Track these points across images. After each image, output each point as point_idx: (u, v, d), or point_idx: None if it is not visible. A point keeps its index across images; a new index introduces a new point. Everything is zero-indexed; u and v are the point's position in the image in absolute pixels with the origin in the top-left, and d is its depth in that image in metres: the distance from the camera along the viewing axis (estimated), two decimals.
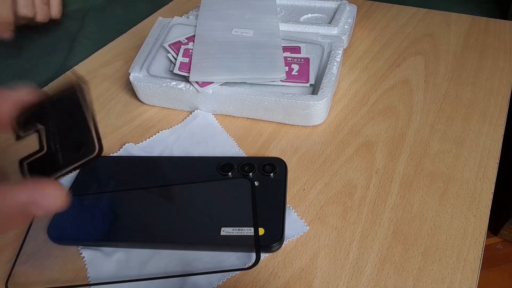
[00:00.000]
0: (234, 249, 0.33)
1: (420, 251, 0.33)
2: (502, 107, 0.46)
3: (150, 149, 0.43)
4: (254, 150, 0.42)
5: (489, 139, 0.42)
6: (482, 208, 0.36)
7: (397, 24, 0.61)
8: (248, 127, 0.45)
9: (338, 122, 0.45)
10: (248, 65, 0.45)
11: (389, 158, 0.41)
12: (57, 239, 0.35)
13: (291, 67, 0.46)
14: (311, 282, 0.32)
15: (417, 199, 0.37)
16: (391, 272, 0.32)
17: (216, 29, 0.51)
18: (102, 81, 0.53)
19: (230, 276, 0.32)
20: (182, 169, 0.40)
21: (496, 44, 0.55)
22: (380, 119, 0.45)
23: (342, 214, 0.36)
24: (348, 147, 0.42)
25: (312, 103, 0.42)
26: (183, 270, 0.32)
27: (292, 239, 0.34)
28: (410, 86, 0.49)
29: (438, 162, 0.40)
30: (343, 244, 0.34)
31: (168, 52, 0.49)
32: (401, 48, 0.56)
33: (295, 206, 0.37)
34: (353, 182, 0.38)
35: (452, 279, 0.31)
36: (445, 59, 0.53)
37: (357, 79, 0.51)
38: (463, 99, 0.47)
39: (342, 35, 0.52)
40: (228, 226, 0.33)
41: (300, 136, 0.44)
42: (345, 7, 0.56)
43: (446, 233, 0.34)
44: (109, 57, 0.57)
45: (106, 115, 0.48)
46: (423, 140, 0.42)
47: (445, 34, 0.58)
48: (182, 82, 0.45)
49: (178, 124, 0.46)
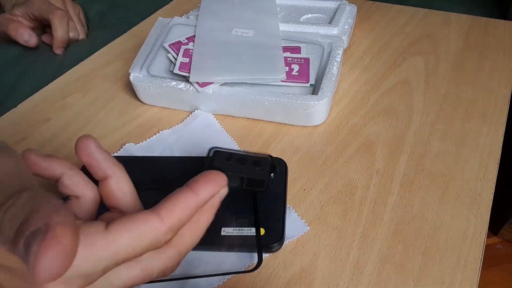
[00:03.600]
0: (235, 249, 0.33)
1: (420, 251, 0.33)
2: (502, 107, 0.46)
3: (150, 149, 0.43)
4: (254, 150, 0.42)
5: (489, 139, 0.42)
6: (483, 208, 0.36)
7: (397, 24, 0.61)
8: (248, 127, 0.45)
9: (338, 122, 0.45)
10: (248, 65, 0.45)
11: (389, 158, 0.41)
12: None
13: (291, 67, 0.46)
14: (311, 282, 0.32)
15: (417, 199, 0.37)
16: (392, 272, 0.32)
17: (216, 29, 0.51)
18: (102, 81, 0.53)
19: (231, 277, 0.32)
20: (182, 169, 0.40)
21: (496, 44, 0.55)
22: (380, 119, 0.45)
23: (342, 214, 0.36)
24: (348, 147, 0.42)
25: (312, 103, 0.42)
26: (184, 271, 0.32)
27: (293, 239, 0.34)
28: (410, 86, 0.49)
29: (438, 162, 0.40)
30: (343, 244, 0.34)
31: (168, 52, 0.49)
32: (401, 48, 0.56)
33: (295, 206, 0.37)
34: (354, 182, 0.38)
35: (453, 279, 0.31)
36: (445, 59, 0.53)
37: (357, 79, 0.51)
38: (463, 99, 0.47)
39: (342, 35, 0.52)
40: (228, 226, 0.33)
41: (300, 136, 0.44)
42: (345, 7, 0.56)
43: (446, 233, 0.34)
44: (109, 57, 0.57)
45: (106, 115, 0.48)
46: (423, 140, 0.42)
47: (445, 34, 0.58)
48: (182, 82, 0.45)
49: (178, 124, 0.46)
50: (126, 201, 0.24)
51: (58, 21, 0.61)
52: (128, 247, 0.20)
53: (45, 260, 0.17)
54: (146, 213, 0.21)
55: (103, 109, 0.49)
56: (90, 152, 0.23)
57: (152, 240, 0.21)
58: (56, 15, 0.61)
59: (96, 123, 0.47)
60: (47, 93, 0.52)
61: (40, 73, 0.62)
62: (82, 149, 0.23)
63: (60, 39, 0.62)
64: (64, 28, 0.62)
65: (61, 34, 0.62)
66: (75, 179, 0.24)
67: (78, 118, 0.48)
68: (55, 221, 0.18)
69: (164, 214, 0.21)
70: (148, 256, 0.22)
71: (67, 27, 0.62)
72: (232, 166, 0.36)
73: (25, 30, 0.63)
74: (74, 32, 0.65)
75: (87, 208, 0.24)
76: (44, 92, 0.52)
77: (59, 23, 0.61)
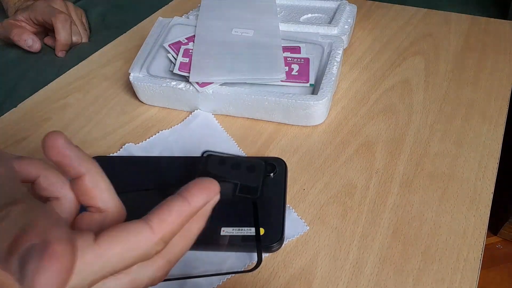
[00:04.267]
0: (234, 249, 0.33)
1: (420, 251, 0.33)
2: (502, 107, 0.46)
3: (150, 149, 0.43)
4: (254, 150, 0.42)
5: (489, 139, 0.42)
6: (482, 208, 0.36)
7: (397, 24, 0.61)
8: (248, 127, 0.45)
9: (338, 122, 0.45)
10: (248, 65, 0.45)
11: (389, 158, 0.41)
12: None
13: (291, 67, 0.46)
14: (311, 282, 0.32)
15: (417, 199, 0.37)
16: (391, 272, 0.32)
17: (216, 29, 0.51)
18: (102, 81, 0.53)
19: (231, 276, 0.32)
20: (182, 169, 0.40)
21: (496, 44, 0.55)
22: (380, 119, 0.45)
23: (342, 214, 0.36)
24: (348, 147, 0.42)
25: (312, 103, 0.42)
26: (183, 270, 0.32)
27: (292, 239, 0.34)
28: (410, 86, 0.49)
29: (438, 162, 0.40)
30: (343, 244, 0.34)
31: (168, 52, 0.49)
32: (401, 48, 0.56)
33: (295, 206, 0.37)
34: (353, 182, 0.39)
35: (452, 279, 0.31)
36: (445, 59, 0.53)
37: (357, 79, 0.51)
38: (463, 99, 0.47)
39: (342, 35, 0.52)
40: (228, 226, 0.33)
41: (300, 136, 0.44)
42: (345, 7, 0.56)
43: (446, 233, 0.34)
44: (109, 57, 0.57)
45: (106, 115, 0.48)
46: (423, 140, 0.42)
47: (445, 34, 0.58)
48: (182, 82, 0.45)
49: (178, 124, 0.46)
50: (104, 199, 0.23)
51: (61, 25, 0.62)
52: (117, 259, 0.19)
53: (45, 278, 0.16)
54: (137, 224, 0.20)
55: (103, 109, 0.49)
56: (60, 150, 0.21)
57: (142, 252, 0.20)
58: (59, 18, 0.61)
59: (96, 123, 0.47)
60: (47, 93, 0.52)
61: (40, 74, 0.62)
62: (50, 148, 0.21)
63: (63, 42, 0.63)
64: (67, 31, 0.63)
65: (64, 37, 0.62)
66: (53, 180, 0.23)
67: (78, 118, 0.48)
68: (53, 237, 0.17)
69: (156, 224, 0.20)
70: (137, 267, 0.21)
71: (70, 30, 0.63)
72: (225, 171, 0.36)
73: (29, 36, 0.63)
74: (77, 36, 0.66)
75: (69, 208, 0.23)
76: (44, 92, 0.52)
77: (62, 27, 0.62)
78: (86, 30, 0.70)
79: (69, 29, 0.63)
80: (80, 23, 0.69)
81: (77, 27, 0.67)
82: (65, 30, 0.62)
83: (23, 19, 0.64)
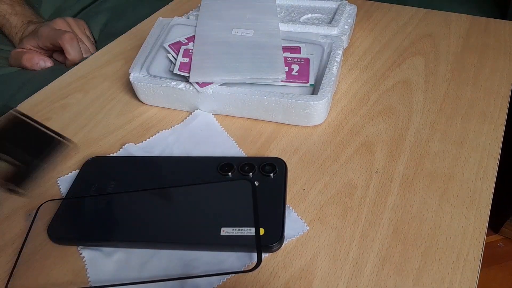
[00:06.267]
0: (234, 249, 0.33)
1: (420, 251, 0.33)
2: (502, 107, 0.46)
3: (150, 149, 0.43)
4: (254, 150, 0.42)
5: (489, 139, 0.42)
6: (482, 208, 0.36)
7: (397, 24, 0.61)
8: (248, 127, 0.45)
9: (338, 122, 0.45)
10: (248, 65, 0.45)
11: (389, 158, 0.41)
12: (57, 239, 0.35)
13: (291, 67, 0.46)
14: (311, 282, 0.32)
15: (417, 199, 0.37)
16: (391, 272, 0.32)
17: (216, 30, 0.51)
18: (102, 81, 0.53)
19: (230, 276, 0.32)
20: (182, 169, 0.40)
21: (496, 44, 0.55)
22: (380, 119, 0.45)
23: (342, 214, 0.36)
24: (348, 147, 0.42)
25: (312, 103, 0.42)
26: (183, 270, 0.32)
27: (292, 239, 0.34)
28: (410, 86, 0.49)
29: (438, 162, 0.40)
30: (343, 244, 0.34)
31: (168, 52, 0.49)
32: (401, 48, 0.56)
33: (295, 206, 0.37)
34: (353, 182, 0.39)
35: (452, 279, 0.31)
36: (445, 59, 0.53)
37: (357, 79, 0.51)
38: (463, 99, 0.47)
39: (342, 35, 0.52)
40: (228, 226, 0.33)
41: (300, 136, 0.44)
42: (345, 7, 0.56)
43: (446, 233, 0.34)
44: (109, 57, 0.57)
45: (106, 115, 0.48)
46: (423, 140, 0.42)
47: (445, 34, 0.58)
48: (182, 82, 0.45)
49: (178, 124, 0.46)
50: None
51: (69, 45, 0.62)
52: None
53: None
54: None
55: (103, 109, 0.49)
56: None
57: None
58: (65, 39, 0.62)
59: (96, 123, 0.47)
60: (47, 93, 0.52)
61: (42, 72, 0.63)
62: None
63: (74, 61, 0.63)
64: (76, 49, 0.63)
65: (74, 55, 0.63)
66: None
67: (78, 118, 0.48)
68: None
69: None
70: None
71: (79, 47, 0.63)
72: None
73: (39, 58, 0.65)
74: (87, 53, 0.66)
75: None
76: (44, 92, 0.52)
77: (71, 46, 0.62)
78: (92, 43, 0.71)
79: (77, 46, 0.63)
80: (85, 36, 0.70)
81: (85, 44, 0.67)
82: (74, 48, 0.63)
83: (32, 47, 0.65)
